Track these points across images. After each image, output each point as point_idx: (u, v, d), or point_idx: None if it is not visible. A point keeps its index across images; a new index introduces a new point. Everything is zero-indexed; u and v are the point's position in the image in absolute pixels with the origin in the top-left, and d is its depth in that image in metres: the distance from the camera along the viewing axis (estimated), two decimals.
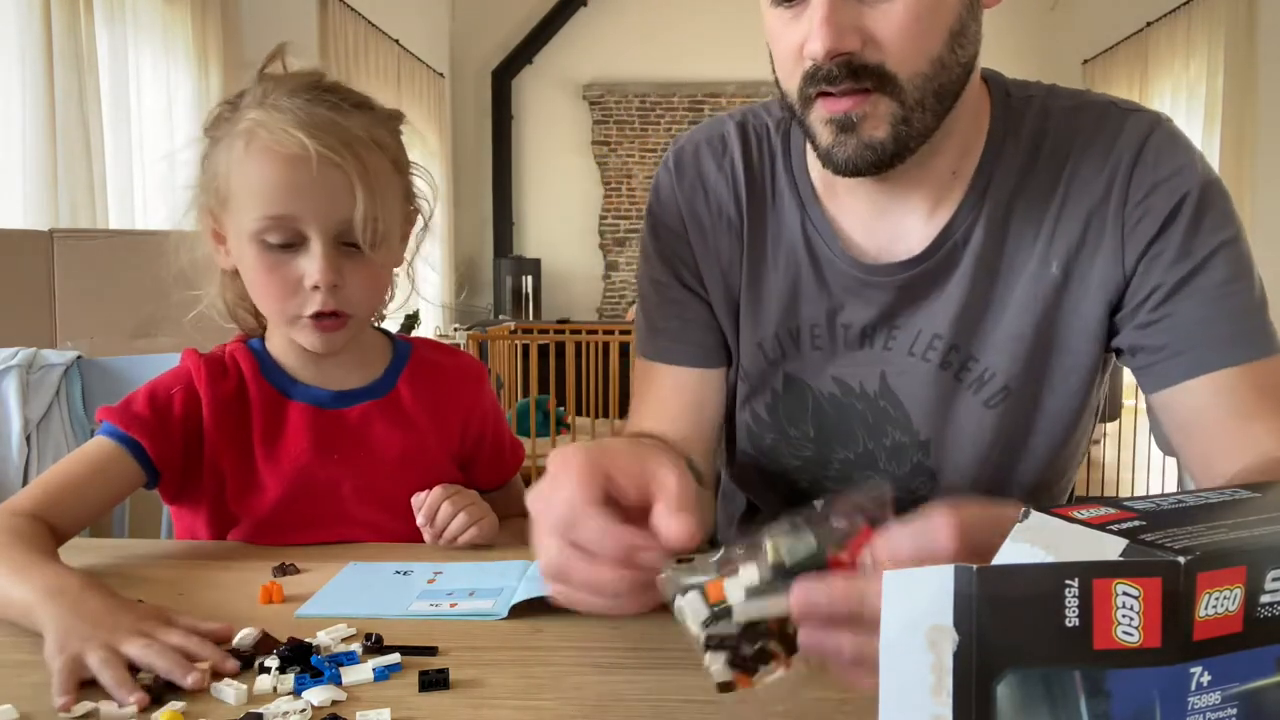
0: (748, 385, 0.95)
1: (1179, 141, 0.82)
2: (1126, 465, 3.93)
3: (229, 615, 0.69)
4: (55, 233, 2.10)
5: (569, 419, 3.74)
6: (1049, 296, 0.83)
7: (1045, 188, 0.83)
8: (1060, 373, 0.86)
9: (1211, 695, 0.36)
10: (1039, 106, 0.85)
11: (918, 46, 0.74)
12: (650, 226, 0.97)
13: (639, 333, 0.98)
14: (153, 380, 0.92)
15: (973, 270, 0.84)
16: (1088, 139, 0.83)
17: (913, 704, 0.36)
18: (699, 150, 0.94)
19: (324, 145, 0.81)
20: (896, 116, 0.75)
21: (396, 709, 0.55)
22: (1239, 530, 0.38)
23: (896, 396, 0.89)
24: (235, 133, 0.85)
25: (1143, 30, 5.96)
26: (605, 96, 7.60)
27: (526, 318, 6.99)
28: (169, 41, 3.62)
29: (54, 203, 2.83)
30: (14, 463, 1.44)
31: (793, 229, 0.90)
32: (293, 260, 0.85)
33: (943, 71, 0.76)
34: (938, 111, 0.77)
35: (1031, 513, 0.42)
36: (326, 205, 0.83)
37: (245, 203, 0.85)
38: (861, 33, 0.73)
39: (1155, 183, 0.80)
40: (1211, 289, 0.79)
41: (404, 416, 0.96)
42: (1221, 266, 0.79)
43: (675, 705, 0.56)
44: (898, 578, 0.37)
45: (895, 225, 0.86)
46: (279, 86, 0.85)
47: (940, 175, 0.84)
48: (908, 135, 0.76)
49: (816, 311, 0.89)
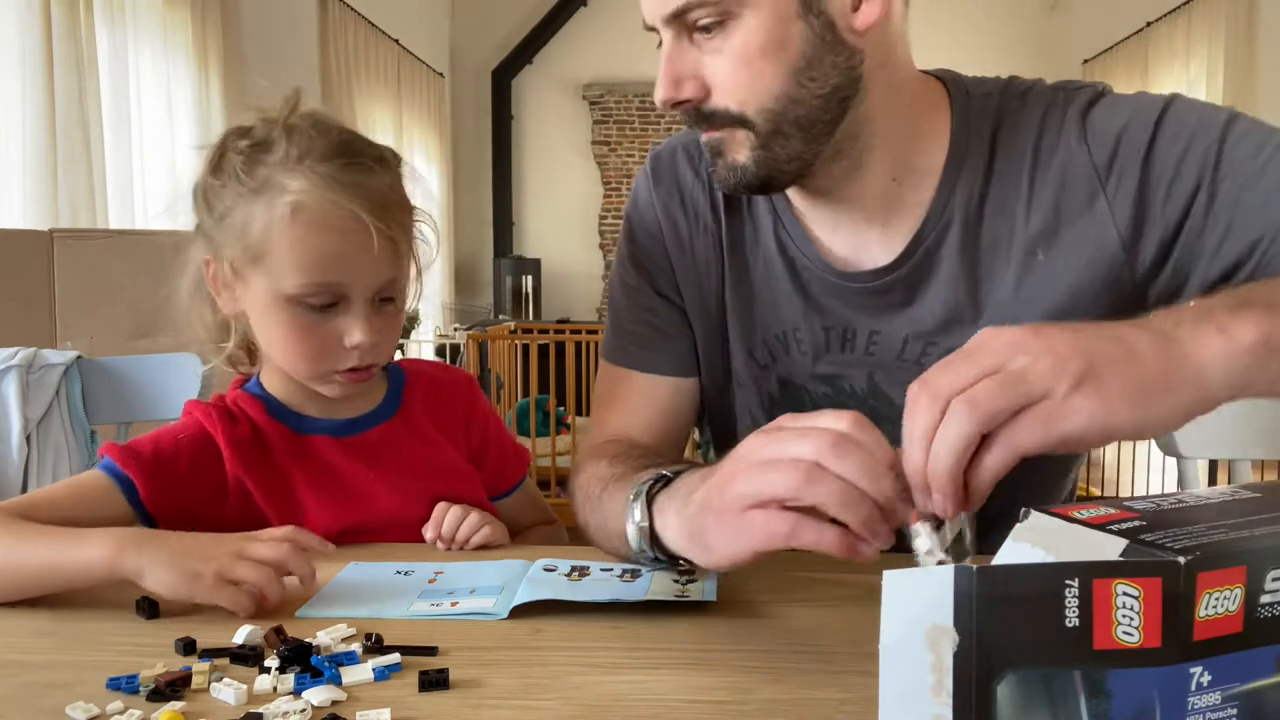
0: (743, 391, 0.95)
1: (1125, 96, 0.82)
2: (1126, 465, 3.93)
3: (228, 613, 0.69)
4: (55, 233, 2.10)
5: (569, 419, 3.74)
6: (1046, 285, 0.82)
7: (1012, 183, 0.83)
8: None
9: (1211, 695, 0.36)
10: (995, 104, 0.85)
11: (754, 88, 0.76)
12: (627, 232, 0.97)
13: (607, 338, 0.98)
14: (158, 430, 0.91)
15: (952, 276, 0.84)
16: (1041, 125, 0.82)
17: (913, 704, 0.36)
18: (675, 156, 0.95)
19: (376, 216, 0.84)
20: (754, 143, 0.78)
21: (396, 709, 0.55)
22: (1239, 530, 0.38)
23: (888, 396, 0.89)
24: (278, 199, 0.83)
25: (1143, 30, 5.95)
26: (605, 96, 7.60)
27: (526, 318, 6.98)
28: (169, 41, 3.61)
29: (54, 203, 2.83)
30: (14, 463, 1.45)
31: (767, 234, 0.90)
32: (330, 321, 0.86)
33: (794, 105, 0.77)
34: (806, 138, 0.78)
35: (1031, 513, 0.42)
36: (371, 270, 0.86)
37: (288, 267, 0.84)
38: (699, 80, 0.77)
39: (1116, 134, 0.79)
40: (1250, 167, 0.75)
41: (418, 430, 0.98)
42: (1241, 143, 0.75)
43: (675, 705, 0.56)
44: (898, 578, 0.37)
45: (852, 236, 0.87)
46: (311, 149, 0.85)
47: (877, 185, 0.84)
48: (772, 160, 0.79)
49: (795, 315, 0.90)
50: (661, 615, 0.69)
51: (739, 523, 0.59)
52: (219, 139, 0.89)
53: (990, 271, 0.84)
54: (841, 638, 0.65)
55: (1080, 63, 6.90)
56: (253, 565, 0.70)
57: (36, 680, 0.59)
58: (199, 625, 0.68)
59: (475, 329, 4.46)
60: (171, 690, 0.57)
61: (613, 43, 7.50)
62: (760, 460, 0.59)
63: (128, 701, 0.56)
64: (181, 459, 0.89)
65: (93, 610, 0.72)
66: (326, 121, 0.88)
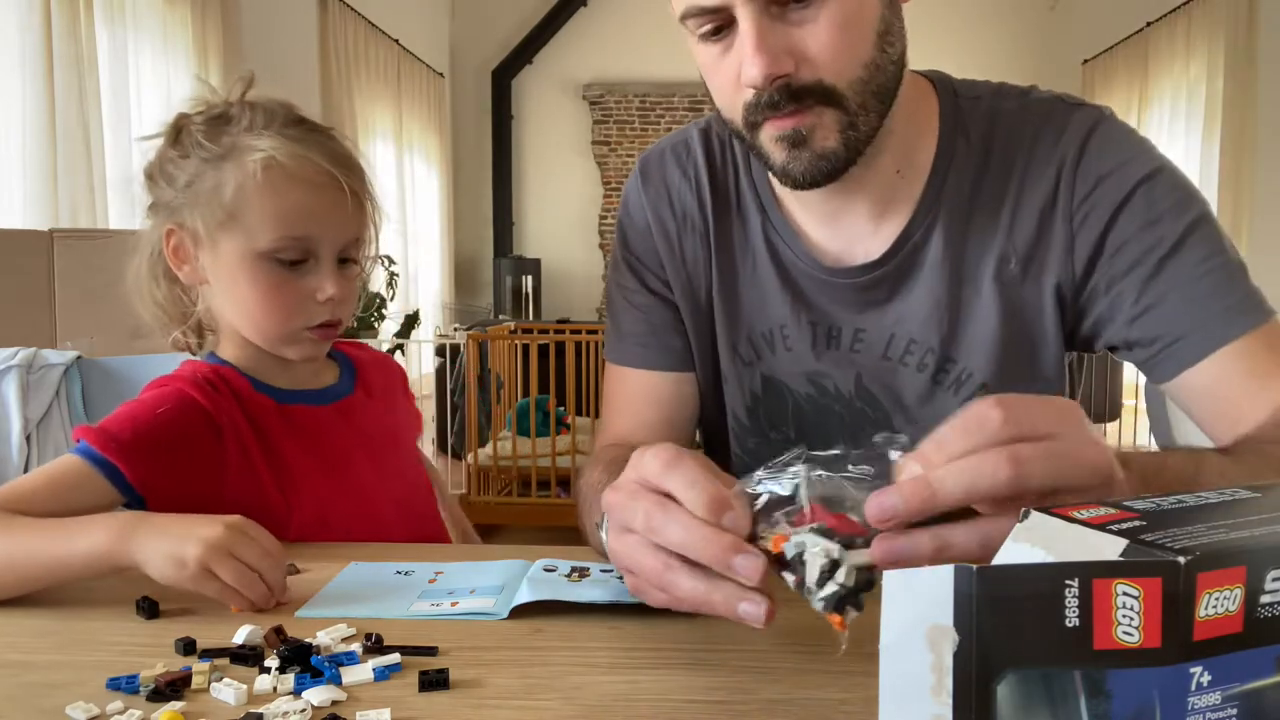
0: (729, 388, 0.96)
1: (1124, 133, 0.83)
2: None
3: (229, 612, 0.69)
4: (55, 233, 2.11)
5: (569, 419, 3.74)
6: (1013, 294, 0.85)
7: (999, 189, 0.84)
8: (1034, 367, 0.87)
9: (1212, 695, 0.36)
10: (986, 108, 0.85)
11: (850, 55, 0.75)
12: (619, 235, 0.99)
13: (607, 340, 1.00)
14: (128, 407, 0.89)
15: (936, 274, 0.85)
16: (1035, 137, 0.83)
17: (913, 704, 0.36)
18: (664, 157, 0.96)
19: (343, 170, 0.90)
20: (843, 123, 0.77)
21: (396, 709, 0.55)
22: (1239, 530, 0.38)
23: (874, 398, 0.90)
24: (248, 158, 0.88)
25: (1143, 30, 5.96)
26: (605, 96, 7.61)
27: (526, 317, 6.99)
28: (169, 41, 3.62)
29: (54, 203, 2.83)
30: (14, 463, 1.45)
31: (755, 232, 0.91)
32: (301, 278, 0.91)
33: (878, 73, 0.77)
34: (880, 111, 0.79)
35: (1031, 513, 0.42)
36: (339, 226, 0.91)
37: (263, 222, 0.88)
38: (793, 53, 0.74)
39: (1100, 176, 0.81)
40: (1191, 269, 0.79)
41: (379, 401, 1.04)
42: (1197, 246, 0.79)
43: (675, 705, 0.56)
44: (897, 578, 0.37)
45: (849, 228, 0.87)
46: (273, 118, 0.91)
47: (885, 174, 0.85)
48: (856, 139, 0.78)
49: (783, 312, 0.91)
50: (661, 615, 0.69)
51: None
52: (169, 121, 0.93)
53: (974, 273, 0.85)
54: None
55: (1080, 63, 6.90)
56: (234, 566, 0.70)
57: (36, 680, 0.59)
58: (199, 625, 0.68)
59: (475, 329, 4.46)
60: (171, 690, 0.57)
61: (613, 43, 7.51)
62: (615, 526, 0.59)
63: (128, 701, 0.56)
64: (168, 434, 0.87)
65: (93, 610, 0.72)
66: (283, 101, 0.94)
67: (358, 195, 0.92)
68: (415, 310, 6.18)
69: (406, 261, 6.06)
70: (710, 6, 0.74)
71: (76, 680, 0.59)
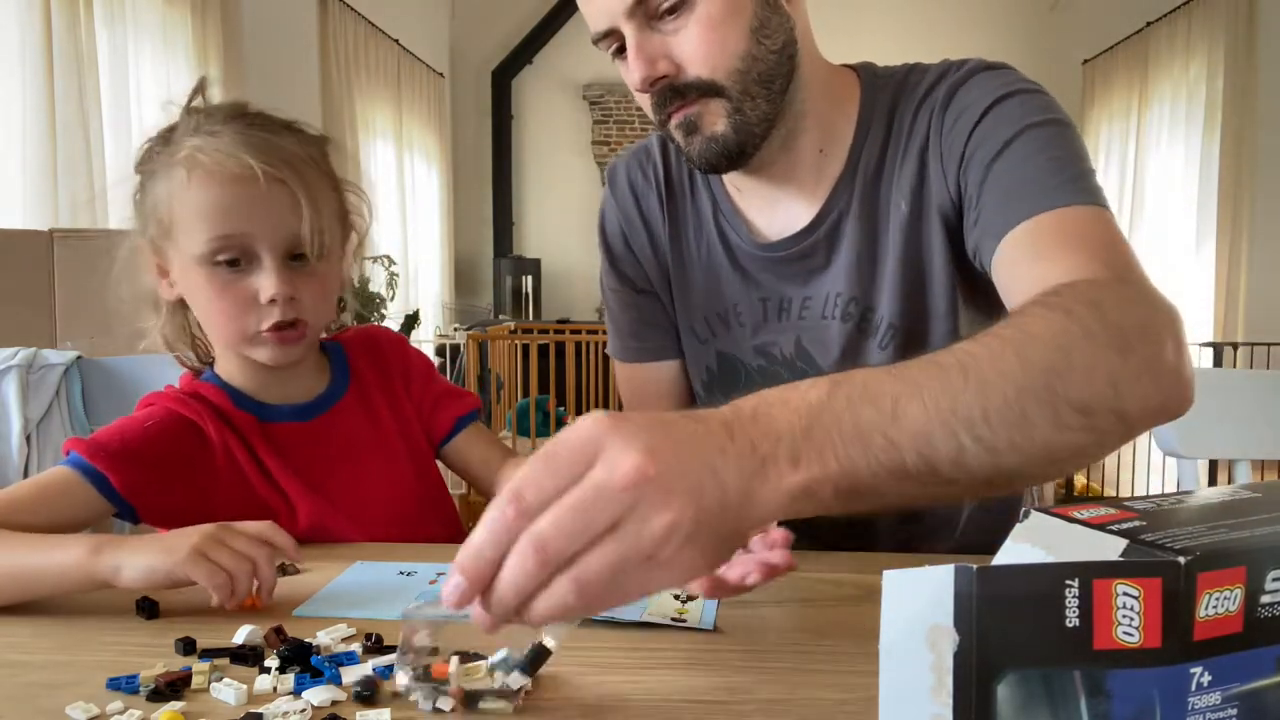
0: (691, 367, 1.05)
1: (1000, 75, 0.87)
2: (1126, 465, 3.93)
3: (228, 612, 0.69)
4: (55, 233, 2.10)
5: (569, 419, 3.73)
6: (905, 232, 0.91)
7: (897, 144, 0.91)
8: (933, 302, 0.91)
9: (1212, 695, 0.36)
10: (897, 82, 0.93)
11: (722, 52, 0.83)
12: (600, 240, 1.08)
13: (609, 340, 1.11)
14: (117, 422, 0.90)
15: (857, 231, 0.92)
16: (924, 93, 0.90)
17: (913, 704, 0.36)
18: (628, 164, 1.06)
19: (266, 163, 0.85)
20: (728, 109, 0.85)
21: (397, 709, 0.55)
22: (1239, 530, 0.38)
23: (811, 356, 0.97)
24: (174, 162, 0.86)
25: (1143, 30, 5.95)
26: (605, 96, 7.60)
27: (526, 318, 6.98)
28: (169, 41, 3.61)
29: (54, 203, 2.83)
30: (14, 463, 1.44)
31: (707, 219, 1.01)
32: (245, 279, 0.87)
33: (756, 64, 0.84)
34: (768, 96, 0.86)
35: (1031, 513, 0.42)
36: (274, 221, 0.86)
37: (193, 227, 0.86)
38: (670, 57, 0.84)
39: (964, 108, 0.86)
40: (1017, 160, 0.81)
41: (373, 406, 1.01)
42: (1026, 144, 0.81)
43: (675, 705, 0.56)
44: (898, 578, 0.37)
45: (787, 208, 0.95)
46: (210, 117, 0.89)
47: (808, 155, 0.93)
48: (745, 123, 0.86)
49: (736, 291, 0.99)
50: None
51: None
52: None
53: (887, 227, 0.92)
54: (841, 638, 0.65)
55: (1080, 63, 6.89)
56: (229, 552, 0.70)
57: (36, 680, 0.59)
58: (199, 625, 0.68)
59: (475, 329, 4.46)
60: (171, 690, 0.57)
61: None
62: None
63: (128, 701, 0.56)
64: (156, 444, 0.88)
65: (93, 610, 0.72)
66: (236, 101, 0.92)
67: (291, 188, 0.86)
68: (415, 310, 6.17)
69: (406, 261, 6.05)
70: (604, 30, 0.85)
71: (76, 680, 0.59)
